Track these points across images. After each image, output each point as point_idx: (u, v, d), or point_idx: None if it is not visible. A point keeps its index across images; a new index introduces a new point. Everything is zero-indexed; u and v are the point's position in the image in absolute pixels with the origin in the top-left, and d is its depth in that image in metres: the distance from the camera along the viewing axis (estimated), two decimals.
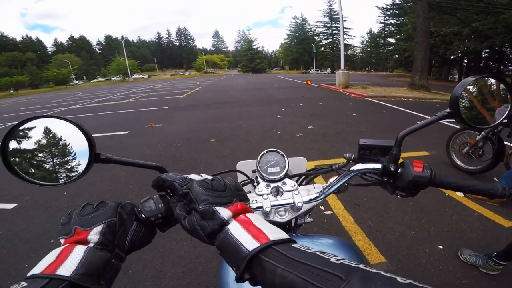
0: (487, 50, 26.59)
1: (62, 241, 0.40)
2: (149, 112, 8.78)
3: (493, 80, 0.67)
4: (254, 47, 77.00)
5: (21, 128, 0.50)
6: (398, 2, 32.41)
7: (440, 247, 2.00)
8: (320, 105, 8.59)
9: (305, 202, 0.65)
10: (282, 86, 17.27)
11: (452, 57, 30.86)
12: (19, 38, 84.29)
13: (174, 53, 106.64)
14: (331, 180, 0.70)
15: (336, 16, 64.34)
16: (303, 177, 0.82)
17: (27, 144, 0.50)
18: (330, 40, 70.54)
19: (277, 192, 0.68)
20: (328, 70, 59.47)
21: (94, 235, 0.40)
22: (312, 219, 0.94)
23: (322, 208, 2.55)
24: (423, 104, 8.77)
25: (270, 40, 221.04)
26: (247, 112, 7.56)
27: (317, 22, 73.87)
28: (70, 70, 57.25)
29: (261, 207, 0.63)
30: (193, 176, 0.47)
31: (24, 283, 0.31)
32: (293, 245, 0.33)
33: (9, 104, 20.88)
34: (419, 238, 2.11)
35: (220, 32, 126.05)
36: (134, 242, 0.44)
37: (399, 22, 45.17)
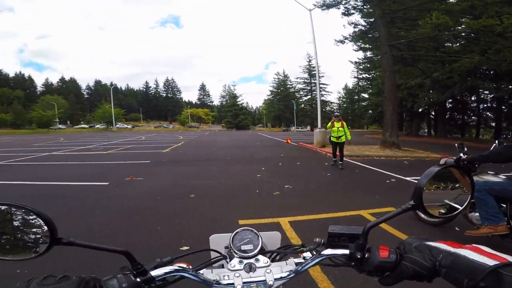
0: (450, 100, 27.42)
1: None
2: (130, 165, 8.87)
3: (451, 169, 0.75)
4: (239, 103, 76.90)
5: None
6: (369, 55, 31.75)
7: None
8: (297, 164, 9.10)
9: (276, 280, 0.66)
10: (264, 144, 18.02)
11: (420, 110, 31.53)
12: (12, 74, 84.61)
13: (160, 104, 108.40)
14: (304, 254, 0.74)
15: (314, 72, 59.27)
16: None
17: None
18: (310, 96, 71.33)
19: (250, 268, 0.69)
20: (308, 127, 59.75)
21: None
22: None
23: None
24: (393, 163, 9.63)
25: (255, 96, 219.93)
26: (228, 171, 7.82)
27: (297, 78, 75.00)
28: (55, 113, 55.37)
29: (233, 284, 0.64)
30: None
31: None
32: None
33: None
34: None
35: (206, 85, 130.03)
36: None
37: (370, 76, 43.70)
